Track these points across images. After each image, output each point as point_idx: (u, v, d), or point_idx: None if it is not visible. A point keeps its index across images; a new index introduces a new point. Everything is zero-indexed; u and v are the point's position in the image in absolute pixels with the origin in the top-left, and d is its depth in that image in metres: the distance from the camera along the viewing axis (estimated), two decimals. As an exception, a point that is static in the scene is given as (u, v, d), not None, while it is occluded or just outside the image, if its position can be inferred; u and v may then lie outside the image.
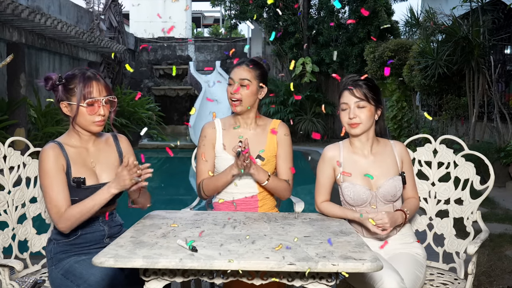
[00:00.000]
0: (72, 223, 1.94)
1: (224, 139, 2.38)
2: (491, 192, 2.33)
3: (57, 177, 1.94)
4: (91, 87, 1.98)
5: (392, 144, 2.26)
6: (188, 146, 11.70)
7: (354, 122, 2.14)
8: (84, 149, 2.07)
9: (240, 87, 2.30)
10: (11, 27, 8.00)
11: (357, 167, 2.18)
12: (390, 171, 2.18)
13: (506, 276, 3.34)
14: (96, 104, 1.99)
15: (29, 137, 8.41)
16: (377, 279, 1.83)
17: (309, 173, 8.31)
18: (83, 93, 1.96)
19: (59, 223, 1.94)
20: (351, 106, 2.15)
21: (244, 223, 1.98)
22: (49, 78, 2.02)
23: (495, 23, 7.61)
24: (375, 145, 2.23)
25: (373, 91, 2.16)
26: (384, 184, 2.14)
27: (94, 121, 2.01)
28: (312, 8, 13.57)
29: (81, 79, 1.98)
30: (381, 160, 2.19)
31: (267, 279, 1.61)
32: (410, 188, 2.25)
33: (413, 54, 8.46)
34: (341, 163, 2.19)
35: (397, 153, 2.23)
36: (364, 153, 2.21)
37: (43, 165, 1.96)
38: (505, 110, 7.37)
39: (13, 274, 2.13)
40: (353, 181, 2.16)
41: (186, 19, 20.21)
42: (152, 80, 15.87)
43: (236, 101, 2.32)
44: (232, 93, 2.31)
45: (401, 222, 2.12)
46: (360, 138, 2.20)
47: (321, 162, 2.24)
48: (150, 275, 1.60)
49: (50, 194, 1.94)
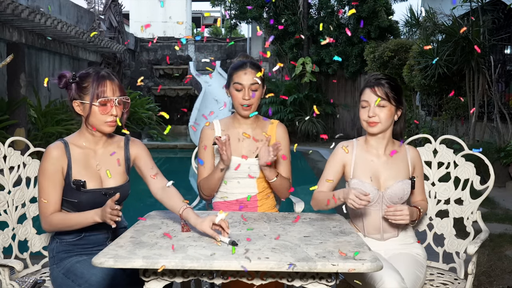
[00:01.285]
0: (53, 229, 2.00)
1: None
2: (491, 192, 2.33)
3: (52, 180, 1.94)
4: (105, 86, 1.95)
5: (407, 149, 2.25)
6: (188, 146, 11.70)
7: (372, 121, 2.13)
8: (91, 151, 2.04)
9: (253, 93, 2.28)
10: (11, 27, 8.00)
11: (368, 166, 2.17)
12: (400, 174, 2.17)
13: (506, 276, 3.34)
14: (109, 104, 1.96)
15: (29, 137, 8.41)
16: (377, 279, 1.83)
17: (309, 173, 8.31)
18: (96, 92, 1.93)
19: (42, 223, 2.00)
20: (371, 105, 2.14)
21: (244, 223, 1.98)
22: (63, 76, 2.00)
23: (495, 23, 7.61)
24: (390, 146, 2.21)
25: (395, 90, 2.14)
26: (393, 186, 2.14)
27: (106, 121, 1.97)
28: (312, 8, 13.57)
29: (95, 78, 1.95)
30: (393, 162, 2.18)
31: (267, 279, 1.61)
32: (418, 193, 2.24)
33: (413, 54, 8.46)
34: (352, 161, 2.18)
35: (410, 158, 2.22)
36: (379, 152, 2.20)
37: (42, 164, 1.97)
38: (505, 110, 7.38)
39: (13, 274, 2.13)
40: (362, 178, 2.15)
41: (186, 19, 20.19)
42: (152, 80, 15.87)
43: (248, 106, 2.30)
44: (245, 98, 2.28)
45: (415, 219, 2.13)
46: (377, 137, 2.19)
47: (332, 156, 2.23)
48: (150, 275, 1.60)
49: (41, 193, 1.97)
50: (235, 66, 2.33)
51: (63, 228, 1.97)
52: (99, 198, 1.98)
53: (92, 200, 1.97)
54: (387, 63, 9.81)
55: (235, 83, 2.30)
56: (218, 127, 2.40)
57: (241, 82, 2.28)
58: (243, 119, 2.38)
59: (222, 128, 2.40)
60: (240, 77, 2.29)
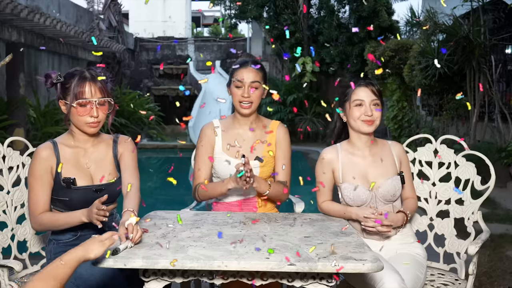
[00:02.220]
0: (43, 228, 2.02)
1: (224, 140, 2.35)
2: (492, 192, 2.32)
3: (41, 180, 1.97)
4: (84, 87, 1.97)
5: (390, 145, 2.26)
6: (188, 146, 11.68)
7: (371, 119, 2.14)
8: (81, 150, 2.07)
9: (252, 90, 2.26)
10: (10, 26, 7.99)
11: (356, 169, 2.17)
12: (389, 171, 2.17)
13: (507, 276, 3.33)
14: (89, 106, 1.98)
15: (28, 137, 8.40)
16: (377, 280, 1.83)
17: (309, 173, 8.30)
18: (75, 93, 1.96)
19: (31, 222, 2.03)
20: (367, 104, 2.14)
21: (244, 223, 1.97)
22: (48, 76, 2.04)
23: (496, 23, 7.60)
24: (374, 146, 2.22)
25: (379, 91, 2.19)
26: (383, 184, 2.14)
27: (87, 122, 2.00)
28: (312, 8, 13.56)
29: (76, 79, 1.98)
30: (379, 160, 2.19)
31: (267, 279, 1.60)
32: (408, 188, 2.24)
33: (414, 54, 8.45)
34: (340, 166, 2.19)
35: (395, 153, 2.23)
36: (364, 153, 2.20)
37: (31, 165, 2.01)
38: (506, 110, 7.37)
39: (12, 274, 2.12)
40: (352, 181, 2.15)
41: (186, 19, 20.18)
42: (152, 80, 15.87)
43: (247, 104, 2.28)
44: (245, 96, 2.26)
45: (401, 224, 2.12)
46: (364, 137, 2.20)
47: (319, 165, 2.23)
48: (150, 276, 1.59)
49: (30, 194, 2.00)
50: (237, 64, 2.31)
51: (52, 227, 2.01)
52: (90, 195, 1.99)
53: (83, 198, 1.99)
54: (387, 63, 9.80)
55: (235, 80, 2.29)
56: (219, 127, 2.38)
57: (241, 79, 2.27)
58: (243, 119, 2.35)
59: (222, 129, 2.37)
60: (240, 74, 2.27)
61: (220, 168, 2.31)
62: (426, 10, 8.03)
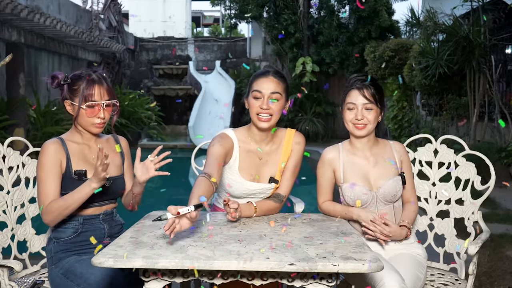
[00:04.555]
0: (54, 217, 1.97)
1: (241, 159, 2.17)
2: (492, 192, 2.32)
3: (51, 172, 1.99)
4: (93, 90, 2.03)
5: (392, 145, 2.25)
6: (187, 147, 11.68)
7: (362, 123, 2.13)
8: (86, 146, 2.12)
9: (272, 102, 2.10)
10: (10, 26, 7.99)
11: (357, 169, 2.17)
12: (390, 171, 2.17)
13: (507, 276, 3.33)
14: (97, 107, 2.05)
15: (28, 137, 8.40)
16: (377, 280, 1.83)
17: (309, 173, 8.30)
18: (84, 95, 2.02)
19: (43, 216, 2.01)
20: (359, 107, 2.13)
21: (244, 223, 1.97)
22: (55, 77, 2.08)
23: (496, 23, 7.60)
24: (375, 146, 2.22)
25: (380, 93, 2.16)
26: (384, 184, 2.14)
27: (94, 123, 2.06)
28: (312, 8, 13.55)
29: (85, 82, 2.03)
30: (381, 160, 2.19)
31: (267, 279, 1.60)
32: (409, 189, 2.24)
33: (414, 54, 8.45)
34: (341, 166, 2.18)
35: (397, 153, 2.22)
36: (365, 154, 2.20)
37: (41, 159, 2.02)
38: (506, 110, 7.37)
39: (12, 274, 2.12)
40: (353, 182, 2.15)
41: (186, 19, 20.17)
42: (152, 80, 15.86)
43: (267, 116, 2.11)
44: (263, 107, 2.09)
45: (401, 239, 2.13)
46: (362, 140, 2.19)
47: (321, 164, 2.23)
48: (150, 276, 1.59)
49: (40, 187, 2.00)
50: (257, 74, 2.17)
51: (65, 211, 1.97)
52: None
53: None
54: (387, 63, 9.80)
55: (254, 90, 2.12)
56: (236, 140, 2.19)
57: (261, 90, 2.10)
58: (259, 133, 2.17)
59: (239, 144, 2.17)
60: (260, 84, 2.12)
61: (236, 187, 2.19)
62: (426, 10, 8.03)
